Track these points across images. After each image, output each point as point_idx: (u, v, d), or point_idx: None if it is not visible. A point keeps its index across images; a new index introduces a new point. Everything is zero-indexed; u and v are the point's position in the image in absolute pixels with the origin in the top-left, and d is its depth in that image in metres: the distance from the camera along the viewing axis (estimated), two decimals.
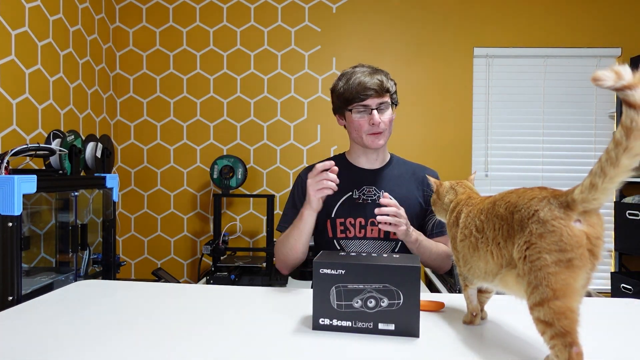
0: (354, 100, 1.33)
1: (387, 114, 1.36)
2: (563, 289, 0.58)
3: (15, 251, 1.34)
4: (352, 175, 1.44)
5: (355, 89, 1.31)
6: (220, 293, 1.10)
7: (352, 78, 1.34)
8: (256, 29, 2.84)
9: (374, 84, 1.31)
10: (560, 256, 0.59)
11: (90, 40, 2.53)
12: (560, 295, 0.58)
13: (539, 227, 0.61)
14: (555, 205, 0.61)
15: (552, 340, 0.58)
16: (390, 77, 1.39)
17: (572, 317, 0.58)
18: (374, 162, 1.45)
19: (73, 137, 1.77)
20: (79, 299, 1.03)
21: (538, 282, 0.60)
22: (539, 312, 0.60)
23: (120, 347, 0.74)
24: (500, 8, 2.80)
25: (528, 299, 0.62)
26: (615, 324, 0.89)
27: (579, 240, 0.59)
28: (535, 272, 0.61)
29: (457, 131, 2.81)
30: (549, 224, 0.60)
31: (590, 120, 2.80)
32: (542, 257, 0.60)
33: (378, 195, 1.39)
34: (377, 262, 0.81)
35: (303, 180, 1.46)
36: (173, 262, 2.86)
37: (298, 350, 0.74)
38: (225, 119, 2.85)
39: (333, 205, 1.41)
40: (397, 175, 1.44)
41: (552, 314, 0.58)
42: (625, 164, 0.54)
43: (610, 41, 2.77)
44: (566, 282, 0.58)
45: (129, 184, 2.86)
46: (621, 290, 2.44)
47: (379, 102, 1.33)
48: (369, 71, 1.35)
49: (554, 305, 0.58)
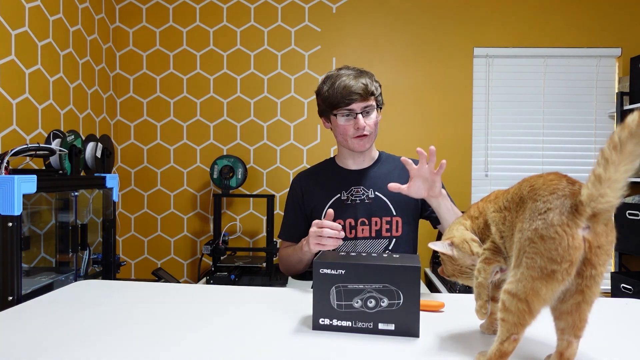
0: (339, 105, 1.32)
1: (372, 117, 1.36)
2: (533, 295, 0.60)
3: (15, 251, 1.34)
4: (339, 177, 1.45)
5: (340, 93, 1.31)
6: (220, 293, 1.10)
7: (336, 82, 1.33)
8: (256, 29, 2.84)
9: (359, 88, 1.30)
10: (548, 265, 0.58)
11: (90, 40, 2.53)
12: (529, 298, 0.60)
13: (543, 227, 0.59)
14: (566, 208, 0.59)
15: (502, 321, 0.63)
16: (375, 79, 1.39)
17: (526, 319, 0.61)
18: (361, 162, 1.45)
19: (73, 137, 1.77)
20: (79, 299, 1.03)
21: (519, 277, 0.61)
22: (505, 297, 0.63)
23: (120, 347, 0.74)
24: (500, 8, 2.80)
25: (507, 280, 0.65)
26: (615, 324, 0.89)
27: (573, 254, 0.57)
28: (521, 268, 0.61)
29: (457, 131, 2.81)
30: (553, 228, 0.58)
31: (590, 120, 2.80)
32: (534, 258, 0.60)
33: (366, 194, 1.39)
34: (377, 262, 0.81)
35: (296, 186, 1.51)
36: (173, 262, 2.86)
37: (298, 350, 0.74)
38: (225, 119, 2.85)
39: (322, 208, 1.42)
40: (386, 172, 1.44)
41: (514, 306, 0.61)
42: (630, 149, 0.52)
43: (610, 41, 2.77)
44: (538, 291, 0.59)
45: (129, 184, 2.86)
46: (621, 290, 2.44)
47: (364, 105, 1.33)
48: (354, 74, 1.34)
49: (519, 304, 0.61)
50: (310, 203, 1.46)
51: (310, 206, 1.45)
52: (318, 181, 1.48)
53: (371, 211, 1.37)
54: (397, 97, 2.82)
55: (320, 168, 1.53)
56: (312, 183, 1.48)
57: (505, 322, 0.63)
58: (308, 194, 1.47)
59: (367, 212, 1.37)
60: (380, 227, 1.36)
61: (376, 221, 1.37)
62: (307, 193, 1.48)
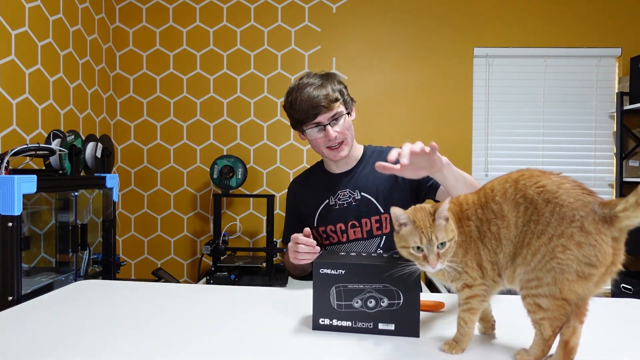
0: (306, 120, 1.30)
1: (341, 124, 1.32)
2: (571, 295, 0.64)
3: (15, 251, 1.34)
4: (327, 182, 1.45)
5: (305, 109, 1.28)
6: (220, 293, 1.10)
7: (298, 96, 1.30)
8: (256, 29, 2.84)
9: (321, 100, 1.27)
10: (586, 269, 0.62)
11: (90, 40, 2.53)
12: (566, 297, 0.64)
13: (580, 235, 0.62)
14: (599, 217, 0.62)
15: (543, 320, 0.65)
16: (338, 81, 1.34)
17: (567, 309, 0.65)
18: (344, 165, 1.45)
19: (73, 137, 1.77)
20: (79, 299, 1.03)
21: (551, 282, 0.64)
22: (540, 300, 0.65)
23: (120, 347, 0.74)
24: (500, 8, 2.80)
25: (525, 286, 0.66)
26: (615, 324, 0.89)
27: (607, 259, 0.62)
28: (552, 273, 0.64)
29: (457, 131, 2.81)
30: (591, 237, 0.62)
31: (591, 120, 2.80)
32: (570, 264, 0.62)
33: (353, 196, 1.39)
34: (377, 262, 0.81)
35: (291, 193, 1.54)
36: (173, 262, 2.86)
37: (298, 350, 0.74)
38: (225, 119, 2.84)
39: (313, 216, 1.44)
40: (370, 170, 1.41)
41: (555, 306, 0.64)
42: None
43: (610, 41, 2.77)
44: (576, 291, 0.64)
45: (129, 184, 2.86)
46: (621, 290, 2.44)
47: (330, 115, 1.30)
48: (316, 84, 1.30)
49: (558, 302, 0.64)
50: (303, 210, 1.48)
51: (304, 213, 1.47)
52: (309, 187, 1.49)
53: (360, 213, 1.38)
54: (397, 97, 2.82)
55: (310, 173, 1.54)
56: (303, 189, 1.50)
57: (546, 320, 0.65)
58: (301, 200, 1.49)
59: (356, 215, 1.38)
60: (371, 227, 1.37)
61: (366, 222, 1.37)
62: (300, 200, 1.49)
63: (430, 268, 0.69)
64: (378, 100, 2.81)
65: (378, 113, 2.81)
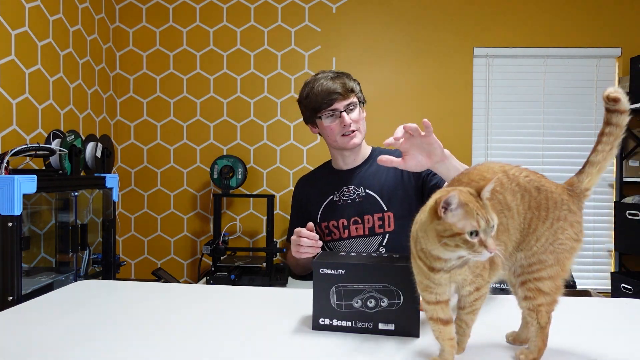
0: (322, 107, 1.35)
1: (356, 112, 1.38)
2: (564, 272, 0.68)
3: (15, 251, 1.33)
4: (332, 178, 1.48)
5: (321, 95, 1.34)
6: (220, 293, 1.10)
7: (315, 86, 1.36)
8: (256, 29, 2.84)
9: (338, 87, 1.33)
10: (574, 245, 0.67)
11: (90, 40, 2.53)
12: (565, 277, 0.69)
13: (570, 216, 0.67)
14: (574, 197, 0.69)
15: (540, 306, 0.67)
16: (353, 78, 1.41)
17: (562, 291, 0.69)
18: (352, 162, 1.47)
19: (73, 137, 1.77)
20: (79, 299, 1.03)
21: (554, 262, 0.66)
22: (543, 283, 0.67)
23: (121, 347, 0.74)
24: (500, 8, 2.80)
25: (526, 271, 0.68)
26: (615, 324, 0.89)
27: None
28: (555, 254, 0.67)
29: (457, 131, 2.81)
30: (577, 215, 0.68)
31: (591, 120, 2.80)
32: (567, 243, 0.67)
33: (357, 193, 1.41)
34: (377, 262, 0.81)
35: (297, 192, 1.56)
36: (173, 262, 2.86)
37: (298, 350, 0.74)
38: (225, 119, 2.84)
39: (317, 211, 1.45)
40: (376, 169, 1.44)
41: (554, 287, 0.67)
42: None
43: (610, 41, 2.77)
44: (567, 266, 0.68)
45: (129, 184, 2.86)
46: (621, 290, 2.44)
47: (346, 103, 1.36)
48: (331, 76, 1.37)
49: (558, 282, 0.67)
50: (308, 206, 1.49)
51: (309, 209, 1.49)
52: (314, 185, 1.51)
53: (362, 209, 1.39)
54: (397, 97, 2.82)
55: (317, 171, 1.58)
56: (309, 187, 1.52)
57: (543, 306, 0.67)
58: (307, 198, 1.51)
59: (358, 211, 1.39)
60: (373, 224, 1.37)
61: (368, 219, 1.38)
62: (306, 197, 1.52)
63: (488, 254, 0.58)
64: (378, 100, 2.81)
65: (378, 113, 2.81)
